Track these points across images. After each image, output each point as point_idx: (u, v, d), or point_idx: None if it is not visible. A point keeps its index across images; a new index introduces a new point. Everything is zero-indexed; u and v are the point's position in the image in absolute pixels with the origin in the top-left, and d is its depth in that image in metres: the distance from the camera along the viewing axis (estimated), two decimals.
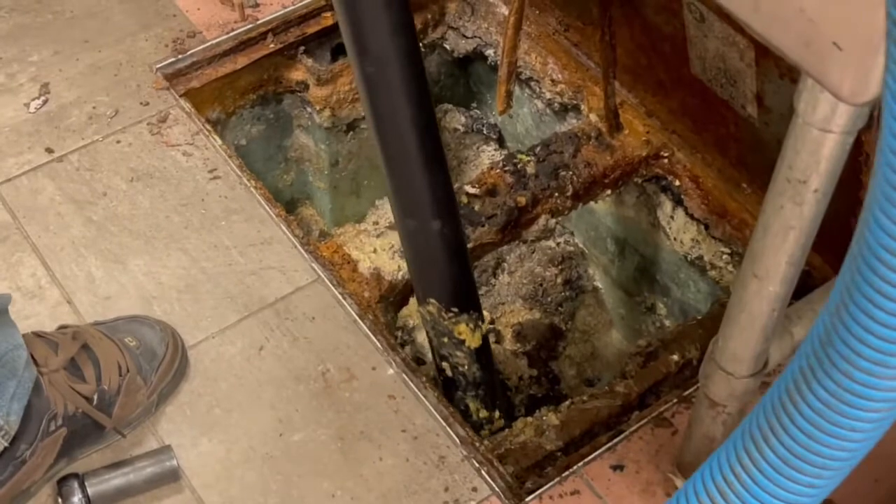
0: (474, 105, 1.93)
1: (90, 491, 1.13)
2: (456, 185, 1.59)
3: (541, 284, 1.79)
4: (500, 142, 1.92)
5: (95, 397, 1.13)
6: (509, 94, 1.37)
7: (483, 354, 1.34)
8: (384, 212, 1.90)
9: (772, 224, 0.87)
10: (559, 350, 1.78)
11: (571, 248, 1.81)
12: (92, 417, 1.13)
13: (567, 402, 1.32)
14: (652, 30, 1.39)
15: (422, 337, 1.67)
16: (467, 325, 1.30)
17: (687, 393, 1.26)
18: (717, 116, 1.42)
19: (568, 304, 1.81)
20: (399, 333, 1.60)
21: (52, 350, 1.12)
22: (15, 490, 1.09)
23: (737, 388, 1.01)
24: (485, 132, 1.92)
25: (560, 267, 1.79)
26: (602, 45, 1.28)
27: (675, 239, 1.60)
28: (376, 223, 1.89)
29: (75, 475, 1.14)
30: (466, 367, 1.34)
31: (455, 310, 1.28)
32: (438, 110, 1.91)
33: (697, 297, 1.64)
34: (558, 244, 1.82)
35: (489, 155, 1.93)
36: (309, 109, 1.69)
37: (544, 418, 1.31)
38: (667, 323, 1.74)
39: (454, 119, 1.91)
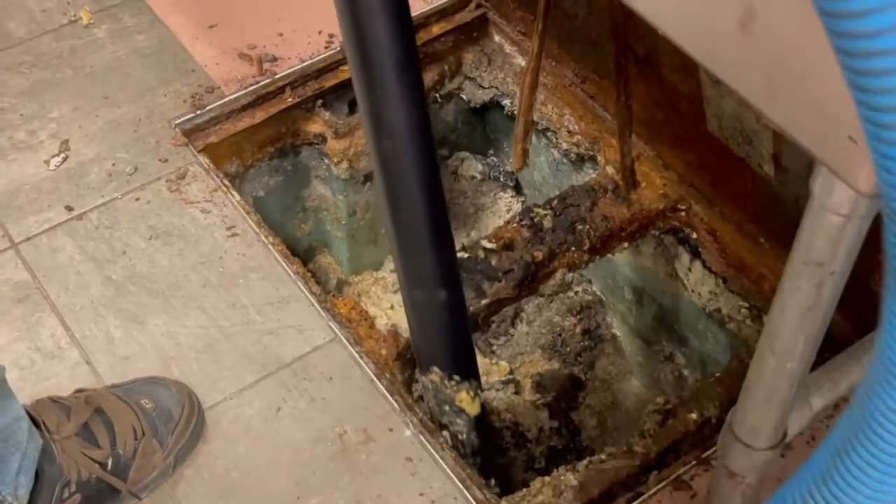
0: (491, 152, 1.93)
1: None
2: (473, 239, 1.60)
3: (559, 334, 1.79)
4: (517, 188, 1.93)
5: (110, 462, 1.13)
6: (525, 152, 1.38)
7: (481, 422, 1.35)
8: None
9: (789, 304, 0.86)
10: (579, 400, 1.78)
11: (590, 297, 1.81)
12: (107, 482, 1.13)
13: (585, 462, 1.32)
14: (668, 87, 1.39)
15: None
16: (468, 392, 1.31)
17: (706, 455, 1.26)
18: (734, 172, 1.42)
19: (587, 353, 1.80)
20: (418, 386, 1.60)
21: (64, 415, 1.12)
22: None
23: (756, 460, 1.00)
24: (501, 179, 1.92)
25: (579, 316, 1.79)
26: (618, 104, 1.28)
27: (692, 291, 1.59)
28: (394, 270, 1.90)
29: None
30: (465, 434, 1.35)
31: (457, 378, 1.31)
32: (455, 158, 1.92)
33: (716, 348, 1.63)
34: (576, 293, 1.82)
35: (506, 202, 1.93)
36: (326, 161, 1.70)
37: (562, 478, 1.30)
38: (685, 373, 1.74)
39: (471, 167, 1.92)
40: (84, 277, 1.39)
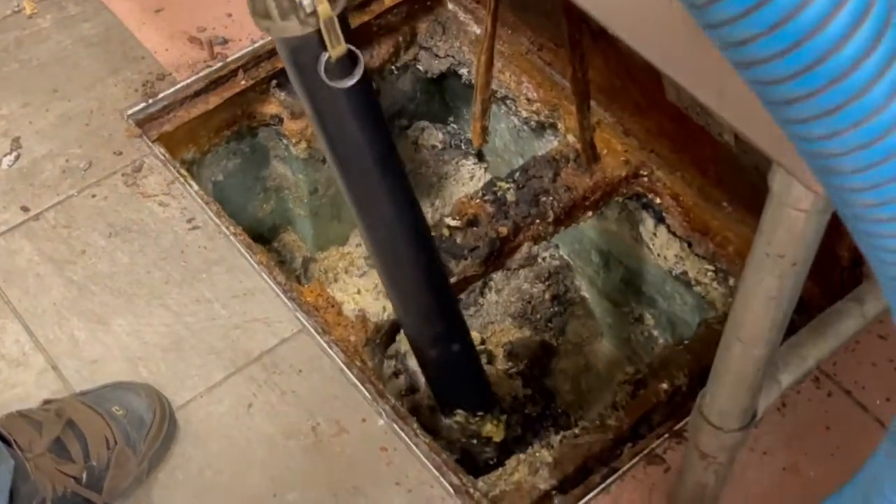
0: (451, 120, 1.91)
1: None
2: (437, 212, 1.59)
3: (529, 302, 1.79)
4: (480, 156, 1.91)
5: (84, 475, 1.12)
6: (484, 130, 1.36)
7: (507, 443, 1.39)
8: None
9: (753, 294, 0.86)
10: (552, 366, 1.78)
11: (557, 263, 1.81)
12: (82, 496, 1.12)
13: (559, 437, 1.32)
14: (625, 58, 1.38)
15: (413, 363, 1.67)
16: (492, 423, 1.36)
17: (678, 427, 1.27)
18: (694, 139, 1.42)
19: (557, 319, 1.81)
20: (393, 363, 1.60)
21: (35, 431, 1.11)
22: None
23: (726, 441, 1.01)
24: (463, 147, 1.91)
25: (547, 283, 1.79)
26: (574, 80, 1.27)
27: (658, 255, 1.59)
28: (360, 244, 1.88)
29: None
30: (496, 459, 1.38)
31: (481, 413, 1.34)
32: (415, 128, 1.90)
33: (684, 308, 1.64)
34: (544, 259, 1.82)
35: (468, 170, 1.92)
36: (285, 141, 1.68)
37: (537, 455, 1.31)
38: (655, 333, 1.74)
39: (431, 136, 1.90)
40: (44, 280, 1.37)
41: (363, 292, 1.40)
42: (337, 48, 0.92)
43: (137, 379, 1.29)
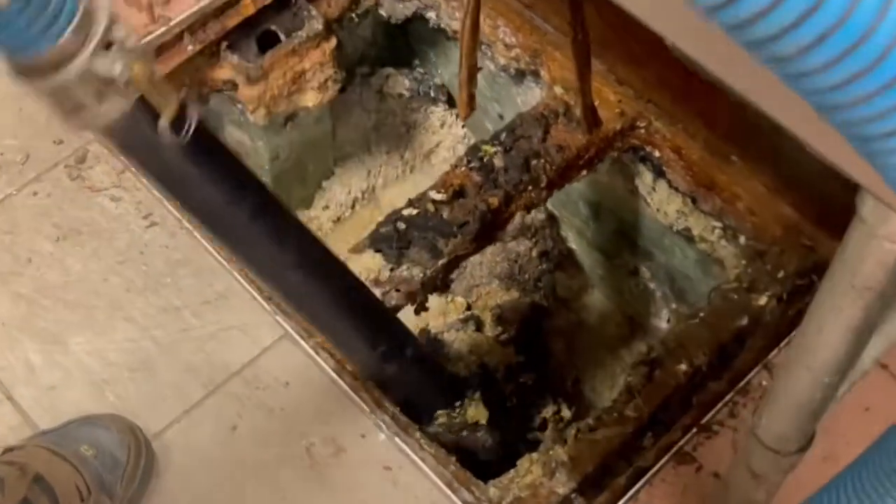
0: (417, 64, 1.76)
1: None
2: (413, 187, 1.45)
3: (515, 261, 1.67)
4: (450, 102, 1.77)
5: None
6: (472, 98, 1.22)
7: (496, 417, 1.29)
8: (332, 194, 1.75)
9: (828, 324, 0.75)
10: (545, 328, 1.67)
11: (542, 216, 1.68)
12: None
13: (573, 431, 1.22)
14: (621, 10, 1.23)
15: None
16: (472, 407, 1.25)
17: (706, 420, 1.16)
18: (700, 91, 1.28)
19: (547, 277, 1.69)
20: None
21: None
22: None
23: (783, 464, 0.90)
24: (432, 94, 1.76)
25: (534, 239, 1.66)
26: (575, 43, 1.12)
27: (658, 210, 1.47)
28: (326, 207, 1.75)
29: None
30: (489, 439, 1.29)
31: (458, 404, 1.24)
32: (379, 76, 1.74)
33: (685, 262, 1.53)
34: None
35: (439, 117, 1.77)
36: (240, 106, 1.52)
37: (551, 453, 1.20)
38: (651, 286, 1.64)
39: (397, 83, 1.75)
40: None
41: None
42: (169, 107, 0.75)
43: (104, 405, 1.15)
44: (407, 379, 1.19)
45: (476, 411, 1.28)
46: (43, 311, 1.21)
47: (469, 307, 1.65)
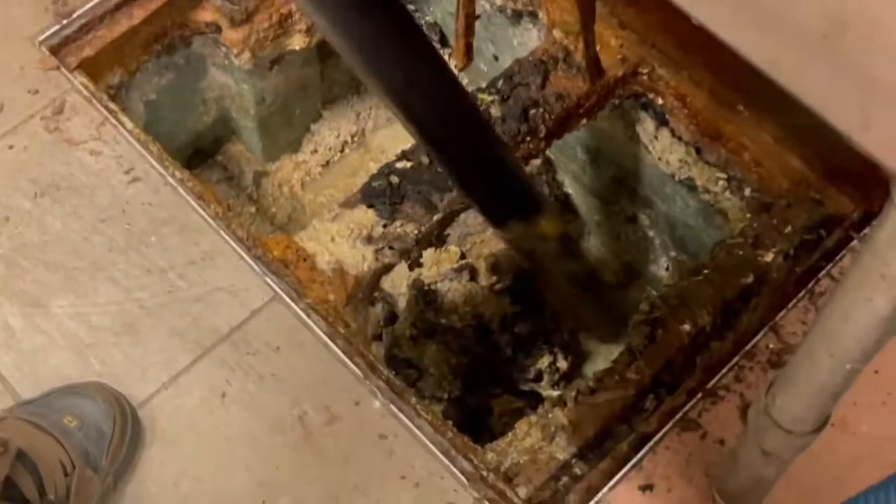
0: (407, 2, 1.69)
1: None
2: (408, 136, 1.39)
3: None
4: (442, 41, 1.70)
5: None
6: (469, 48, 1.16)
7: (566, 237, 1.20)
8: (321, 137, 1.70)
9: (855, 312, 0.70)
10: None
11: (537, 162, 1.63)
12: None
13: (573, 393, 1.18)
14: None
15: (389, 285, 1.51)
16: (548, 220, 1.13)
17: (711, 385, 1.13)
18: (706, 37, 1.22)
19: None
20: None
21: None
22: None
23: (797, 443, 0.87)
24: (424, 31, 1.69)
25: None
26: None
27: (660, 158, 1.42)
28: (314, 151, 1.69)
29: None
30: (558, 253, 1.19)
31: (535, 216, 1.12)
32: None
33: (686, 211, 1.48)
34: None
35: None
36: (224, 49, 1.45)
37: (550, 416, 1.17)
38: (651, 234, 1.59)
39: None
40: None
41: (338, 239, 1.22)
42: None
43: (88, 372, 1.11)
44: (486, 173, 1.09)
45: (550, 225, 1.16)
46: (22, 273, 1.16)
47: (463, 256, 1.60)
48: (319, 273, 1.21)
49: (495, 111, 1.30)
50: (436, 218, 1.25)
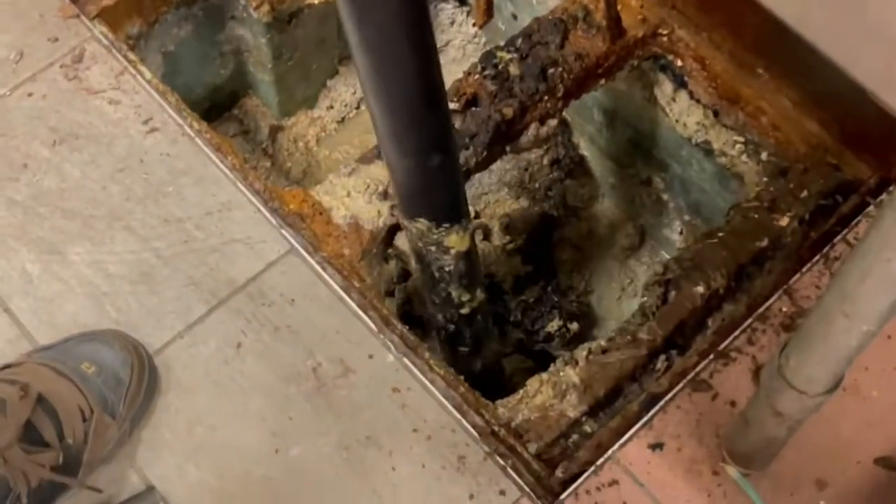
0: None
1: None
2: None
3: (526, 169, 1.62)
4: (462, 0, 1.70)
5: (61, 458, 0.97)
6: (489, 5, 1.15)
7: (470, 252, 1.16)
8: (337, 93, 1.69)
9: (873, 273, 0.71)
10: (553, 238, 1.63)
11: (554, 122, 1.62)
12: (59, 482, 0.97)
13: (584, 352, 1.18)
14: None
15: (403, 243, 1.51)
16: (457, 234, 1.11)
17: (723, 347, 1.13)
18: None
19: (557, 185, 1.64)
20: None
21: (0, 414, 0.94)
22: None
23: (809, 404, 0.87)
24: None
25: (545, 146, 1.61)
26: None
27: (677, 121, 1.42)
28: (330, 107, 1.69)
29: None
30: (453, 266, 1.16)
31: (446, 225, 1.10)
32: None
33: (702, 175, 1.48)
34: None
35: (448, 15, 1.70)
36: (243, 1, 1.45)
37: (561, 375, 1.18)
38: (665, 197, 1.59)
39: None
40: None
41: (353, 194, 1.22)
42: None
43: (104, 320, 1.12)
44: (414, 177, 1.06)
45: (458, 239, 1.12)
46: (39, 220, 1.17)
47: (477, 215, 1.61)
48: (335, 227, 1.21)
49: (513, 69, 1.29)
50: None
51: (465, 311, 1.22)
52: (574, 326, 1.58)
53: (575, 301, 1.62)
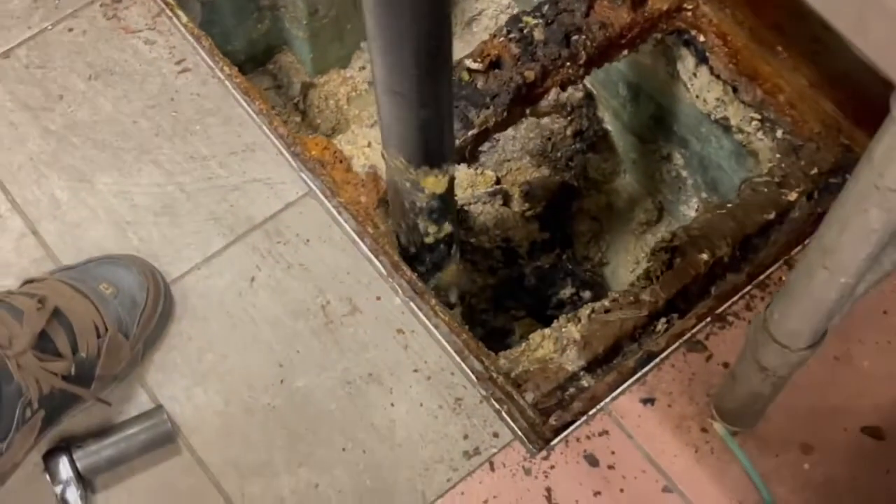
0: None
1: (80, 465, 1.04)
2: (457, 58, 1.42)
3: (549, 138, 1.65)
4: None
5: (73, 369, 1.02)
6: None
7: (445, 194, 1.15)
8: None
9: (851, 224, 0.74)
10: (572, 208, 1.66)
11: (580, 95, 1.65)
12: (70, 392, 1.02)
13: (587, 311, 1.22)
14: None
15: None
16: (435, 176, 1.10)
17: (721, 310, 1.16)
18: None
19: (579, 157, 1.67)
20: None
21: (16, 324, 0.99)
22: None
23: (792, 359, 0.90)
24: None
25: (569, 117, 1.64)
26: None
27: (697, 96, 1.45)
28: (363, 68, 1.73)
29: (63, 449, 1.04)
30: (425, 204, 1.15)
31: (425, 167, 1.09)
32: None
33: (720, 153, 1.50)
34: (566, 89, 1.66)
35: None
36: None
37: (563, 331, 1.21)
38: (684, 174, 1.62)
39: None
40: (19, 129, 1.23)
41: (374, 145, 1.26)
42: None
43: (126, 247, 1.16)
44: (402, 122, 1.04)
45: (435, 181, 1.11)
46: (71, 149, 1.22)
47: (498, 181, 1.64)
48: (354, 175, 1.25)
49: (538, 34, 1.33)
50: (471, 133, 1.29)
51: (428, 240, 1.21)
52: (586, 295, 1.61)
53: (589, 271, 1.65)
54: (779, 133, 1.34)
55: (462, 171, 1.60)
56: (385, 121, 1.07)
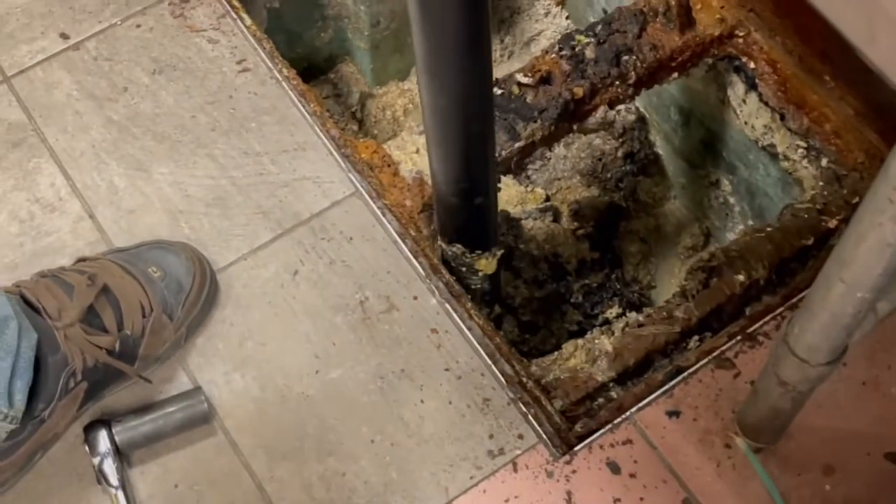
0: None
1: (118, 439, 1.08)
2: (507, 72, 1.46)
3: (600, 159, 1.67)
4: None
5: (117, 345, 1.06)
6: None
7: (495, 274, 1.28)
8: None
9: (868, 238, 0.75)
10: (620, 229, 1.68)
11: (633, 117, 1.68)
12: (114, 367, 1.06)
13: (622, 325, 1.24)
14: None
15: None
16: (487, 259, 1.23)
17: (752, 330, 1.17)
18: (801, 5, 1.26)
19: (629, 179, 1.69)
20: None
21: (66, 297, 1.04)
22: (35, 446, 1.04)
23: (811, 374, 0.92)
24: None
25: (621, 139, 1.67)
26: None
27: (745, 122, 1.46)
28: None
29: (103, 422, 1.09)
30: (479, 285, 1.28)
31: (479, 252, 1.22)
32: None
33: (767, 180, 1.52)
34: (618, 112, 1.69)
35: (544, 5, 1.77)
36: None
37: (596, 342, 1.23)
38: (731, 200, 1.63)
39: None
40: (83, 118, 1.28)
41: (422, 152, 1.29)
42: None
43: (178, 235, 1.21)
44: (457, 211, 1.18)
45: (486, 263, 1.25)
46: (132, 139, 1.27)
47: (548, 198, 1.67)
48: (400, 179, 1.29)
49: (589, 52, 1.35)
50: (517, 145, 1.32)
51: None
52: (632, 316, 1.62)
53: (637, 293, 1.67)
54: (823, 162, 1.36)
55: (512, 188, 1.63)
56: (445, 217, 1.19)
